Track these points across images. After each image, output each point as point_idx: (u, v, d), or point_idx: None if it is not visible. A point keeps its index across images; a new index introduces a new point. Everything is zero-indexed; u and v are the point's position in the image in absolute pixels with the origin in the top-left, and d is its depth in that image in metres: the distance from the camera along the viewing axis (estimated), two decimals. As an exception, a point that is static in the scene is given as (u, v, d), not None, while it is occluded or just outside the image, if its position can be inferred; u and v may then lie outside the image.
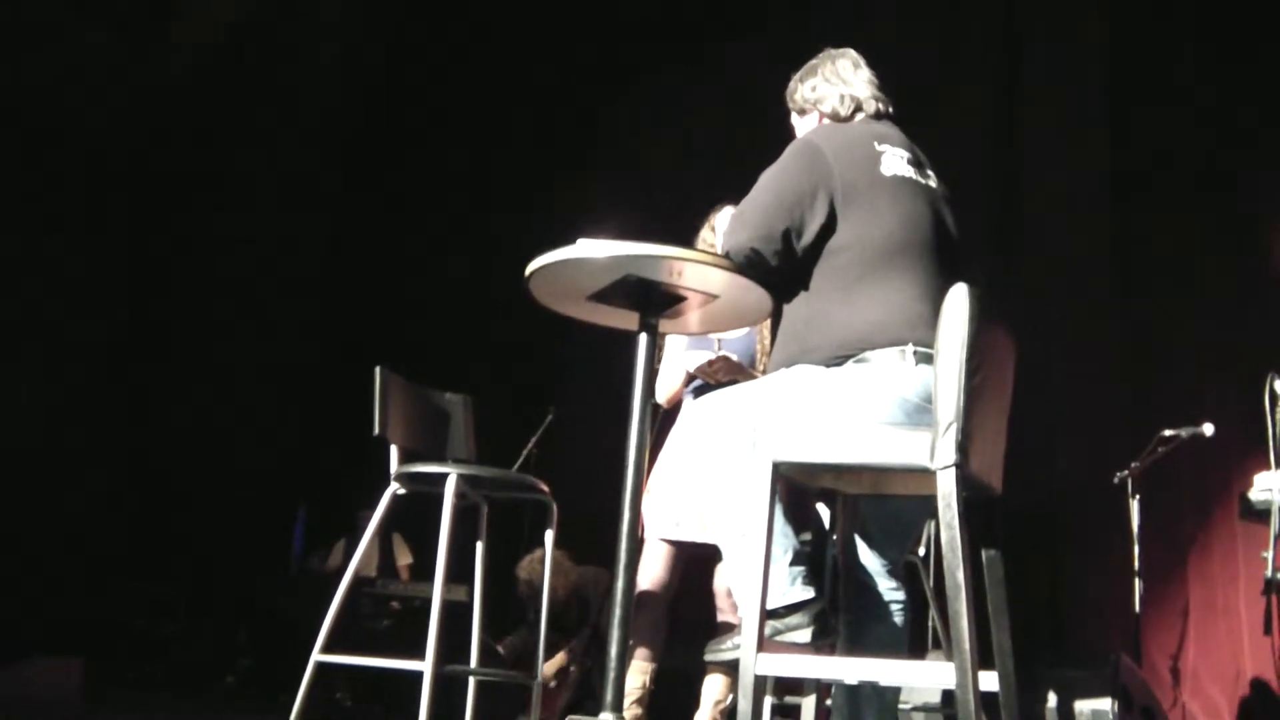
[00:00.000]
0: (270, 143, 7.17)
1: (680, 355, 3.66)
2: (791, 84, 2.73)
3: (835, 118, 2.61)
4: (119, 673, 5.65)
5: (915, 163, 2.51)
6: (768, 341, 3.69)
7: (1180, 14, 5.59)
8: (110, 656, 5.67)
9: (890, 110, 2.64)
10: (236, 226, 7.14)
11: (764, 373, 3.41)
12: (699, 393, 3.58)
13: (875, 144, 2.46)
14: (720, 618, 3.57)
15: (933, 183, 2.52)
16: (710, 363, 3.51)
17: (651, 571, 3.52)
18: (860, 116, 2.60)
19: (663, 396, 3.68)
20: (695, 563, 3.60)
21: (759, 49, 6.00)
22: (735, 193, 2.61)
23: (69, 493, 6.22)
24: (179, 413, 6.89)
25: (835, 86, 2.62)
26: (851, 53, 2.69)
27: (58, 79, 6.16)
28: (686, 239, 3.75)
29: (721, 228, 3.71)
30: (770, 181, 2.44)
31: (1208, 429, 4.34)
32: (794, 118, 2.75)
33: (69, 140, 6.33)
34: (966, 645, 1.87)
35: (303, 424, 7.18)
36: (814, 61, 2.70)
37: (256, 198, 7.19)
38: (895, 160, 2.45)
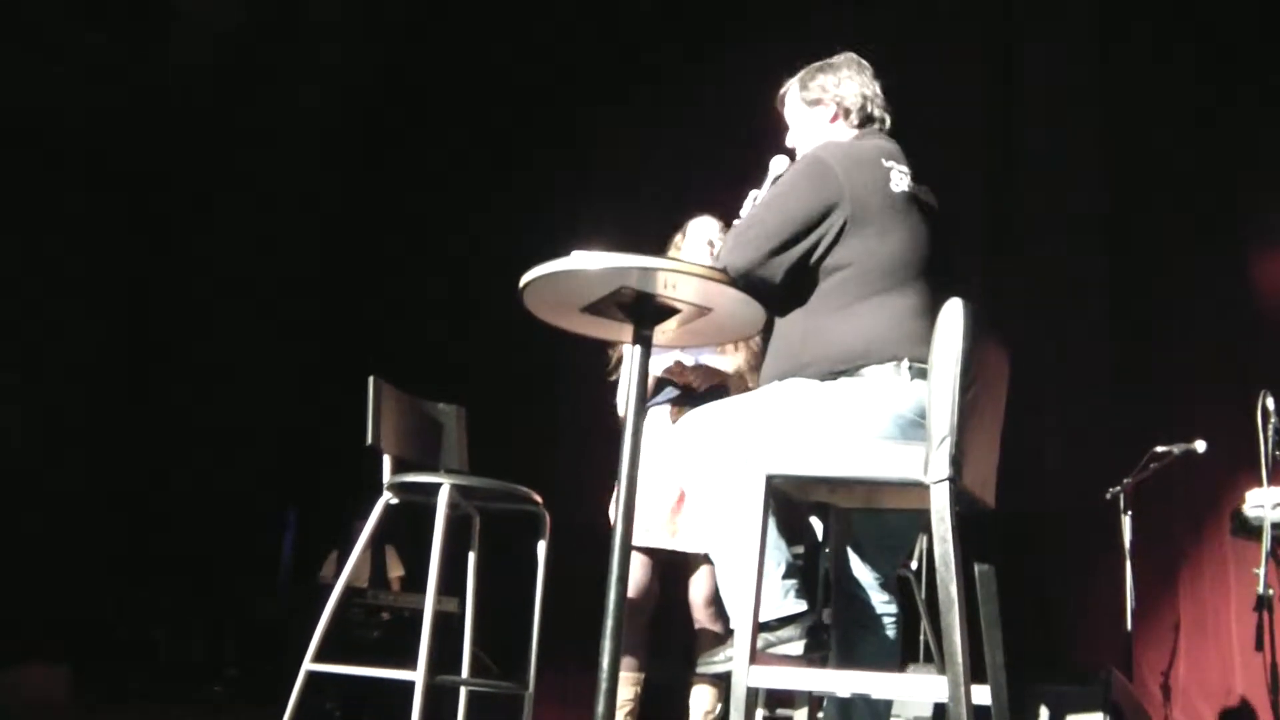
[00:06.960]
0: (269, 143, 7.15)
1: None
2: (807, 72, 2.68)
3: (846, 115, 2.60)
4: (107, 679, 5.62)
5: (915, 179, 2.51)
6: (740, 354, 3.63)
7: (1179, 13, 5.61)
8: (99, 662, 5.65)
9: (889, 127, 2.63)
10: (233, 228, 7.13)
11: (751, 386, 3.40)
12: (676, 402, 3.55)
13: (883, 161, 2.45)
14: (697, 625, 3.55)
15: (931, 199, 2.53)
16: (678, 364, 3.48)
17: (635, 582, 3.49)
18: (869, 128, 2.59)
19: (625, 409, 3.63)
20: (669, 571, 3.58)
21: (758, 53, 5.99)
22: (731, 203, 2.60)
23: (57, 497, 6.19)
24: (172, 415, 6.87)
25: (859, 88, 2.61)
26: (868, 65, 2.68)
27: (57, 79, 6.15)
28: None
29: (694, 236, 3.68)
30: (778, 201, 2.40)
31: (1200, 446, 4.35)
32: (798, 108, 2.68)
33: (68, 140, 6.32)
34: (959, 659, 1.87)
35: (297, 430, 7.16)
36: (833, 60, 2.67)
37: (254, 200, 7.18)
38: (901, 177, 2.45)
